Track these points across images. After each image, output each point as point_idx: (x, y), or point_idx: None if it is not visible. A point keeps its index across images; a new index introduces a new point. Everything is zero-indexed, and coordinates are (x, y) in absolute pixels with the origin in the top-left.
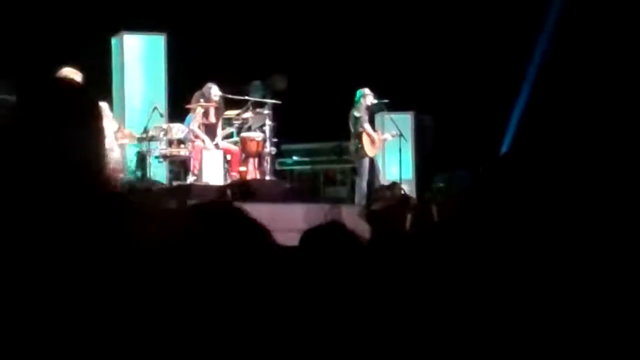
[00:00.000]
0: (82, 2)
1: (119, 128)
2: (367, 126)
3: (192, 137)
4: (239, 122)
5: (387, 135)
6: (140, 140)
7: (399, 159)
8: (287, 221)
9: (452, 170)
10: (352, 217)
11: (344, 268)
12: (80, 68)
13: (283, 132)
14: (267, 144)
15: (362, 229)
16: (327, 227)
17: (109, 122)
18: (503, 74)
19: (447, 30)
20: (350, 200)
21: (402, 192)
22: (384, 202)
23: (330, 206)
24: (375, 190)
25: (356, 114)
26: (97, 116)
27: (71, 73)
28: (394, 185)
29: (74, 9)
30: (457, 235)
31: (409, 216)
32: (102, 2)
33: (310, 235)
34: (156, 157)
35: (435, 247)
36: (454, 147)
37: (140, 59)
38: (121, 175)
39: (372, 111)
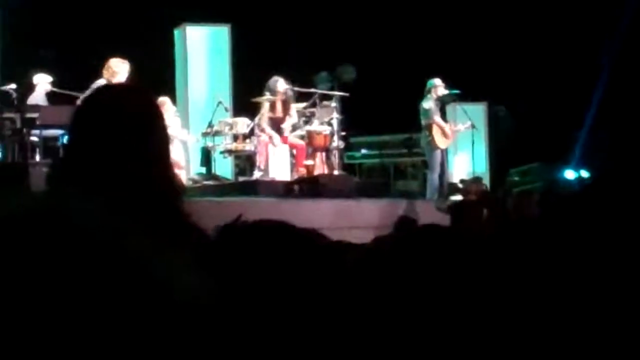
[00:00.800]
0: None
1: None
2: (437, 118)
3: (258, 131)
4: (305, 115)
5: (460, 127)
6: (204, 135)
7: (471, 152)
8: (356, 218)
9: (527, 164)
10: (425, 212)
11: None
12: (143, 61)
13: (351, 125)
14: (335, 137)
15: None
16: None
17: (171, 117)
18: (580, 63)
19: (522, 17)
20: (422, 194)
21: (484, 187)
22: (468, 196)
23: (402, 201)
24: (460, 182)
25: (425, 105)
26: (159, 116)
27: (119, 62)
28: (479, 180)
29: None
30: (535, 241)
31: (485, 211)
32: None
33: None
34: (221, 153)
35: (512, 249)
36: (529, 139)
37: (203, 52)
38: (182, 171)
39: (443, 102)
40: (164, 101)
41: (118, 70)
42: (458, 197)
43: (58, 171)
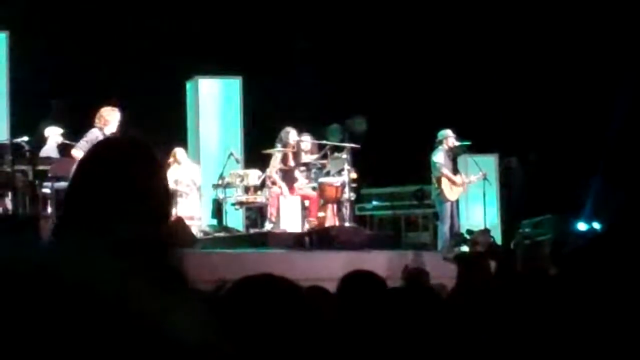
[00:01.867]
0: (156, 47)
1: None
2: (445, 170)
3: (269, 183)
4: (317, 167)
5: (472, 178)
6: (216, 187)
7: (483, 203)
8: (366, 269)
9: (540, 215)
10: (435, 263)
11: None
12: (155, 112)
13: (362, 176)
14: (346, 189)
15: (446, 274)
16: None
17: (185, 168)
18: (591, 114)
19: (533, 68)
20: (433, 245)
21: (492, 239)
22: (475, 247)
23: (413, 253)
24: (467, 233)
25: (435, 157)
26: (160, 171)
27: (110, 111)
28: (486, 231)
29: (148, 53)
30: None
31: (493, 263)
32: (176, 46)
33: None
34: (232, 204)
35: (520, 302)
36: (541, 190)
37: (215, 103)
38: (197, 222)
39: (454, 153)
40: (179, 152)
41: (110, 119)
42: (465, 248)
43: (62, 223)
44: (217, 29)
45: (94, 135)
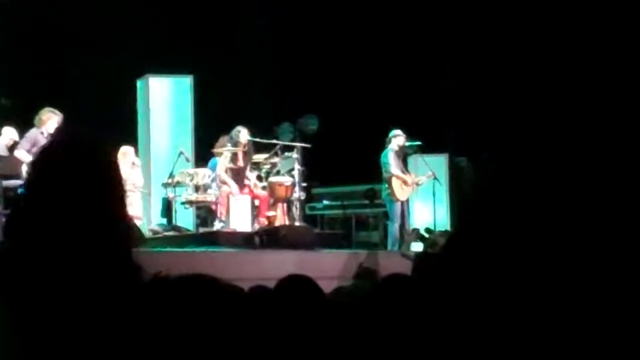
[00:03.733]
0: (107, 46)
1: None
2: (395, 170)
3: (219, 182)
4: (267, 166)
5: (422, 178)
6: (165, 185)
7: (432, 202)
8: (317, 269)
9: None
10: (388, 263)
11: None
12: (105, 111)
13: (313, 176)
14: (296, 188)
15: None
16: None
17: (129, 168)
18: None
19: (482, 69)
20: (383, 245)
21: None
22: (434, 248)
23: (367, 253)
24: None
25: (385, 157)
26: (115, 171)
27: (50, 113)
28: (447, 233)
29: (98, 51)
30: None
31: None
32: (126, 45)
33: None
34: (182, 203)
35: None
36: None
37: (166, 102)
38: (141, 222)
39: (404, 153)
40: (127, 151)
41: (46, 119)
42: (418, 245)
43: (15, 222)
44: (167, 27)
45: (33, 135)
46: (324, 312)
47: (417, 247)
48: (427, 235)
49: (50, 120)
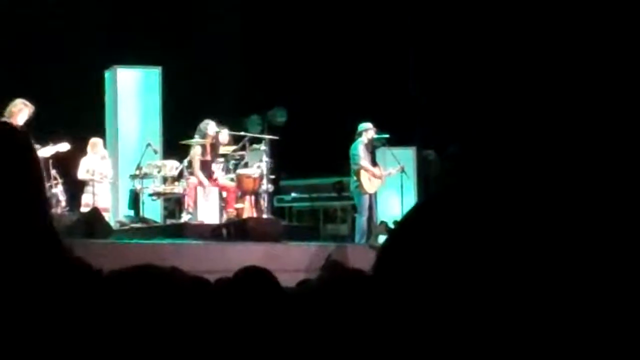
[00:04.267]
0: (75, 36)
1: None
2: (364, 163)
3: (187, 174)
4: (235, 158)
5: (391, 170)
6: (133, 177)
7: (400, 195)
8: (284, 261)
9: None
10: (356, 255)
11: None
12: (73, 102)
13: (281, 168)
14: (264, 180)
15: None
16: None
17: (100, 160)
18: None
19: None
20: (351, 238)
21: None
22: None
23: (334, 245)
24: (394, 224)
25: (354, 150)
26: (33, 156)
27: (22, 104)
28: None
29: (67, 42)
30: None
31: None
32: (95, 36)
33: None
34: (150, 195)
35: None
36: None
37: (134, 94)
38: (107, 214)
39: (373, 146)
40: (96, 142)
41: (17, 111)
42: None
43: None
44: (137, 18)
45: None
46: (280, 304)
47: (382, 239)
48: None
49: (20, 113)
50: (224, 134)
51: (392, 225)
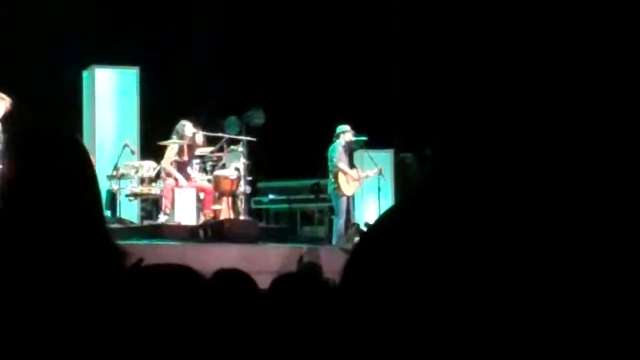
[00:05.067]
0: (53, 36)
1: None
2: (341, 165)
3: (164, 175)
4: (213, 159)
5: (368, 173)
6: (110, 177)
7: (378, 198)
8: (261, 263)
9: None
10: (327, 258)
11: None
12: (50, 102)
13: (259, 170)
14: (242, 182)
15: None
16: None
17: None
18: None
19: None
20: (328, 240)
21: None
22: None
23: (307, 248)
24: (366, 226)
25: (332, 152)
26: (91, 164)
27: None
28: None
29: (45, 41)
30: None
31: None
32: (73, 36)
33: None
34: (127, 196)
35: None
36: None
37: (111, 94)
38: None
39: (351, 148)
40: None
41: None
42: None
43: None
44: (115, 18)
45: None
46: (257, 304)
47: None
48: (365, 230)
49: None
50: (199, 136)
51: (364, 228)
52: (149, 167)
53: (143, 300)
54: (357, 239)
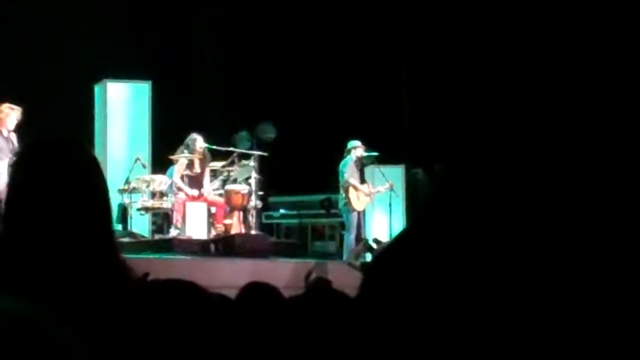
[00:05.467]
0: (65, 49)
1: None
2: (352, 180)
3: (175, 189)
4: (224, 174)
5: (379, 188)
6: (121, 191)
7: (389, 213)
8: (272, 278)
9: None
10: (337, 273)
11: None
12: (62, 115)
13: (270, 184)
14: (253, 196)
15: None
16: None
17: None
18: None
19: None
20: (339, 255)
21: None
22: None
23: (315, 263)
24: (374, 242)
25: (343, 167)
26: (100, 170)
27: (8, 108)
28: None
29: (57, 55)
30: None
31: None
32: (85, 50)
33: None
34: (138, 210)
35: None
36: None
37: (123, 108)
38: None
39: (362, 163)
40: None
41: (5, 117)
42: (369, 257)
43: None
44: (127, 32)
45: None
46: (284, 319)
47: (368, 257)
48: (374, 246)
49: (8, 118)
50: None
51: (372, 244)
52: (160, 181)
53: (147, 315)
54: (365, 254)
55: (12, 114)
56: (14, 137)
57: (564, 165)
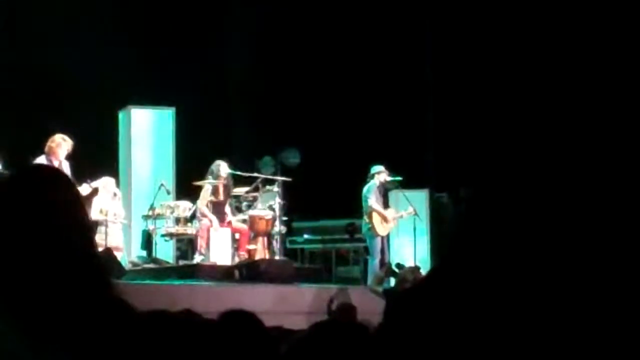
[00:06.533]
0: (90, 76)
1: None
2: (376, 205)
3: (199, 215)
4: (248, 199)
5: (403, 213)
6: (146, 217)
7: (413, 238)
8: (296, 303)
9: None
10: (361, 298)
11: None
12: (87, 141)
13: (294, 209)
14: (277, 222)
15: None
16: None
17: (111, 199)
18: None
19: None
20: (363, 280)
21: (421, 275)
22: (403, 284)
23: (337, 289)
24: (397, 267)
25: (367, 192)
26: (79, 200)
27: (60, 139)
28: (416, 269)
29: (81, 81)
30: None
31: None
32: (110, 76)
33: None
34: (162, 236)
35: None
36: None
37: (148, 134)
38: (121, 254)
39: (386, 188)
40: (108, 182)
41: (55, 146)
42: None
43: None
44: (151, 58)
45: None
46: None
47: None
48: (397, 271)
49: (59, 148)
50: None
51: (395, 268)
52: (184, 207)
53: (138, 344)
54: (389, 280)
55: (64, 144)
56: (65, 166)
57: (587, 188)
